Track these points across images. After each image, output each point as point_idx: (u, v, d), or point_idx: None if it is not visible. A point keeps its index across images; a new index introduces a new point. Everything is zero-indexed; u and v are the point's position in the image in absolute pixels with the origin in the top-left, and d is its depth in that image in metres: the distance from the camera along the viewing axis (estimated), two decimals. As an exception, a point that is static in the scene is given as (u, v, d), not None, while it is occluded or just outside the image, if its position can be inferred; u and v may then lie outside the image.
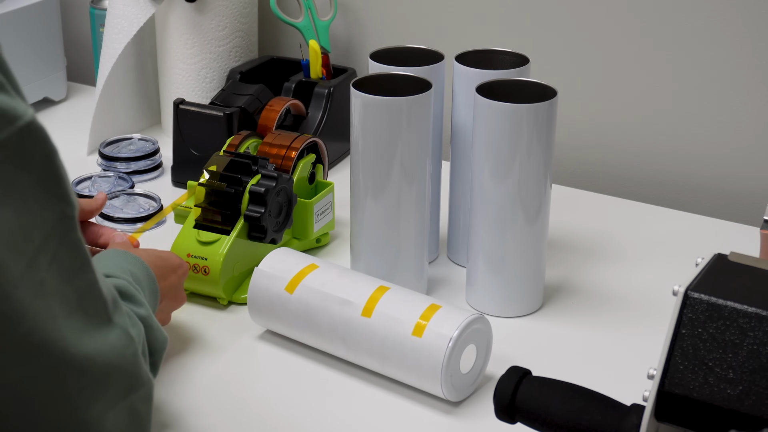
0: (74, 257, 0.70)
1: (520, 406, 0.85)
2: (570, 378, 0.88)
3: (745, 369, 0.75)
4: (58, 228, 0.68)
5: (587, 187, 1.47)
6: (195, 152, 1.39)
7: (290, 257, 1.10)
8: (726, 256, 0.82)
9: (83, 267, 0.71)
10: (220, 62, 1.53)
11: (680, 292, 0.77)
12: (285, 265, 1.08)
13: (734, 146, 1.40)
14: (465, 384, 1.01)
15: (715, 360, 0.76)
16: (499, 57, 1.21)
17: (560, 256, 1.26)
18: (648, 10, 1.40)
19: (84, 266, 0.71)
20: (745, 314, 0.75)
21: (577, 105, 1.47)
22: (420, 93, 1.09)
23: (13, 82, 0.65)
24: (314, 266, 1.07)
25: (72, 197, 0.69)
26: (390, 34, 1.57)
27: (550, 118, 1.08)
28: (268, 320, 1.09)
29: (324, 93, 1.47)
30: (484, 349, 1.03)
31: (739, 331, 0.75)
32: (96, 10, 1.64)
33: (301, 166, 1.25)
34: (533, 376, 0.86)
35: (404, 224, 1.13)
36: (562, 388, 0.84)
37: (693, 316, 0.77)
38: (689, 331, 0.77)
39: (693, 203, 1.42)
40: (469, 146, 1.15)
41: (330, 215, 1.27)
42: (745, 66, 1.36)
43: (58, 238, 0.68)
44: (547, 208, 1.12)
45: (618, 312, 1.16)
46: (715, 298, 0.76)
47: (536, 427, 0.85)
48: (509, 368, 0.87)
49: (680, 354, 0.77)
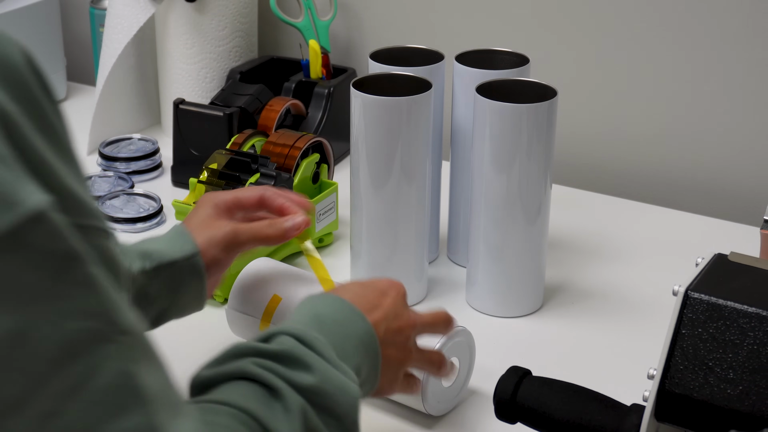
0: (117, 394, 0.54)
1: (520, 406, 0.85)
2: (570, 378, 0.88)
3: (745, 369, 0.75)
4: (87, 350, 0.53)
5: (587, 187, 1.47)
6: (195, 152, 1.39)
7: (254, 287, 1.04)
8: (726, 256, 0.82)
9: (130, 410, 0.54)
10: (220, 62, 1.53)
11: (680, 292, 0.77)
12: (251, 304, 1.03)
13: (734, 146, 1.40)
14: (447, 398, 0.99)
15: (715, 360, 0.76)
16: (499, 57, 1.21)
17: (560, 256, 1.26)
18: (648, 10, 1.40)
19: (134, 408, 0.55)
20: (745, 314, 0.75)
21: (577, 105, 1.47)
22: (420, 93, 1.09)
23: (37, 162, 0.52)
24: (278, 299, 1.02)
25: (116, 317, 0.54)
26: (390, 34, 1.57)
27: (550, 118, 1.08)
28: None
29: (324, 93, 1.47)
30: (467, 362, 1.01)
31: (739, 331, 0.75)
32: (96, 10, 1.64)
33: (304, 165, 1.25)
34: (533, 376, 0.86)
35: (404, 224, 1.13)
36: (562, 388, 0.84)
37: (693, 316, 0.77)
38: (689, 331, 0.77)
39: (693, 203, 1.42)
40: (469, 146, 1.15)
41: (333, 215, 1.27)
42: (745, 66, 1.36)
43: (86, 363, 0.53)
44: (547, 207, 1.12)
45: (618, 312, 1.16)
46: (715, 298, 0.76)
47: (536, 427, 0.85)
48: (509, 368, 0.87)
49: (680, 354, 0.77)
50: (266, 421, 0.69)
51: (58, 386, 0.52)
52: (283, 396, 0.71)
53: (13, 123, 0.52)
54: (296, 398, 0.71)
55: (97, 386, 0.53)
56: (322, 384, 0.73)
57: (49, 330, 0.51)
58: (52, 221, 0.51)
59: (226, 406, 0.70)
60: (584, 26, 1.44)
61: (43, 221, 0.51)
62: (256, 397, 0.71)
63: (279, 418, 0.70)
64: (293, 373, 0.73)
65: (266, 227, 0.96)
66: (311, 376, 0.73)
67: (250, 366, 0.73)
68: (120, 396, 0.54)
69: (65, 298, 0.52)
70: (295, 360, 0.74)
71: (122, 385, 0.54)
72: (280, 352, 0.74)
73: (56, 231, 0.52)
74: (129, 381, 0.55)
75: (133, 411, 0.54)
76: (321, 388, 0.73)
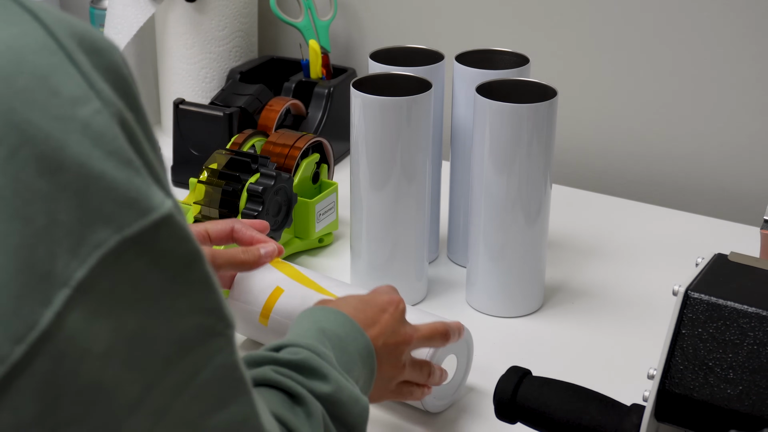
0: (222, 385, 0.56)
1: (520, 406, 0.85)
2: (570, 378, 0.88)
3: (745, 369, 0.75)
4: (199, 346, 0.55)
5: (587, 187, 1.47)
6: (195, 152, 1.39)
7: (255, 278, 1.05)
8: (726, 256, 0.82)
9: (234, 399, 0.57)
10: (220, 62, 1.53)
11: (680, 292, 0.77)
12: (252, 294, 1.04)
13: (734, 146, 1.40)
14: (445, 395, 0.99)
15: (715, 360, 0.76)
16: (499, 57, 1.21)
17: (560, 256, 1.26)
18: (648, 10, 1.40)
19: (237, 398, 0.57)
20: (745, 314, 0.75)
21: (577, 105, 1.47)
22: (420, 93, 1.09)
23: (153, 167, 0.54)
24: (280, 290, 1.03)
25: (225, 312, 0.56)
26: (390, 34, 1.57)
27: (550, 118, 1.08)
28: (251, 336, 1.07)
29: (324, 93, 1.47)
30: (465, 359, 1.00)
31: (739, 331, 0.75)
32: (96, 10, 1.64)
33: (304, 165, 1.25)
34: (533, 376, 0.86)
35: (404, 224, 1.13)
36: (562, 387, 0.84)
37: (693, 316, 0.77)
38: (689, 331, 0.77)
39: (693, 203, 1.42)
40: (469, 146, 1.15)
41: (333, 215, 1.27)
42: (745, 66, 1.36)
43: (201, 358, 0.55)
44: (547, 208, 1.12)
45: (618, 312, 1.16)
46: (715, 298, 0.76)
47: (536, 427, 0.85)
48: (509, 368, 0.87)
49: (680, 354, 0.77)
50: (292, 425, 0.71)
51: (170, 382, 0.53)
52: (306, 402, 0.73)
53: (132, 131, 0.53)
54: (317, 405, 0.74)
55: (205, 380, 0.55)
56: (337, 394, 0.75)
57: (166, 328, 0.53)
58: (177, 223, 0.53)
59: None
60: (584, 26, 1.44)
61: (171, 224, 0.53)
62: (280, 403, 0.73)
63: (302, 422, 0.72)
64: (311, 382, 0.75)
65: (241, 253, 0.96)
66: (327, 385, 0.75)
67: (270, 373, 0.74)
68: (225, 387, 0.56)
69: (184, 296, 0.54)
70: (311, 370, 0.76)
71: (228, 376, 0.56)
72: (298, 362, 0.76)
73: (181, 233, 0.53)
74: (234, 372, 0.57)
75: (238, 401, 0.57)
76: (336, 398, 0.75)
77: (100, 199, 0.50)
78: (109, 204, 0.51)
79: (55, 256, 0.49)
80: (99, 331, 0.51)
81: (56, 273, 0.49)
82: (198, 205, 1.18)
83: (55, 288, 0.49)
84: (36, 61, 0.50)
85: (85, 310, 0.50)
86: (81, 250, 0.50)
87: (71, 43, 0.52)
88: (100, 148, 0.51)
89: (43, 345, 0.49)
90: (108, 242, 0.50)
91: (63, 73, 0.51)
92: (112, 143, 0.51)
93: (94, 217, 0.50)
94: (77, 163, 0.50)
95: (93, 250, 0.50)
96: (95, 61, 0.53)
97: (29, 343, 0.49)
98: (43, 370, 0.49)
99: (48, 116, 0.50)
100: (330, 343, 0.81)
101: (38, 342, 0.49)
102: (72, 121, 0.50)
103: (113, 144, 0.51)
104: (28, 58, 0.50)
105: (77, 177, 0.50)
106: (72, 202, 0.50)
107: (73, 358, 0.50)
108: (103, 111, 0.51)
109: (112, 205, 0.51)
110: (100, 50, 0.53)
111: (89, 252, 0.50)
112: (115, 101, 0.52)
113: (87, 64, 0.52)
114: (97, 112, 0.51)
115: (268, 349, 0.78)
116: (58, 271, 0.50)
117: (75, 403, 0.51)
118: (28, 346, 0.49)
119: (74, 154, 0.50)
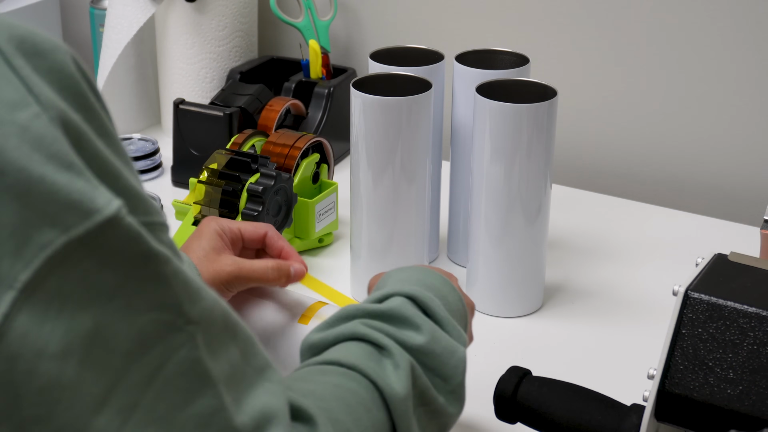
0: (190, 378, 0.56)
1: (520, 406, 0.85)
2: (570, 378, 0.88)
3: (745, 369, 0.75)
4: (164, 341, 0.55)
5: (587, 187, 1.47)
6: (195, 152, 1.39)
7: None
8: (726, 256, 0.82)
9: (200, 393, 0.56)
10: (220, 62, 1.53)
11: (680, 292, 0.77)
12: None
13: (734, 146, 1.40)
14: None
15: (715, 360, 0.76)
16: (499, 57, 1.21)
17: (560, 256, 1.26)
18: (648, 10, 1.40)
19: (203, 391, 0.56)
20: (745, 314, 0.75)
21: (577, 105, 1.47)
22: (420, 93, 1.09)
23: (101, 167, 0.53)
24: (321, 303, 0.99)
25: (187, 310, 0.56)
26: (390, 34, 1.57)
27: (550, 118, 1.08)
28: None
29: (324, 93, 1.47)
30: None
31: (739, 331, 0.75)
32: (96, 10, 1.64)
33: (304, 165, 1.25)
34: (533, 376, 0.86)
35: (404, 224, 1.13)
36: (562, 388, 0.84)
37: (693, 316, 0.77)
38: (689, 331, 0.77)
39: (693, 203, 1.42)
40: (469, 146, 1.15)
41: (333, 215, 1.27)
42: (745, 66, 1.36)
43: (163, 354, 0.55)
44: (547, 208, 1.12)
45: (618, 312, 1.16)
46: (715, 298, 0.76)
47: (536, 427, 0.85)
48: (509, 368, 0.87)
49: (680, 354, 0.77)
50: (376, 377, 0.71)
51: (134, 378, 0.54)
52: (392, 353, 0.73)
53: (78, 132, 0.53)
54: (405, 356, 0.73)
55: (169, 375, 0.55)
56: (430, 344, 0.75)
57: (122, 326, 0.53)
58: (125, 223, 0.53)
59: (335, 366, 0.72)
60: (584, 26, 1.44)
61: (118, 225, 0.53)
62: (365, 355, 0.73)
63: (389, 374, 0.72)
64: (401, 332, 0.75)
65: (271, 271, 0.95)
66: (420, 335, 0.75)
67: (358, 326, 0.75)
68: (190, 382, 0.56)
69: (138, 294, 0.54)
70: (403, 320, 0.75)
71: (192, 370, 0.56)
72: (388, 312, 0.76)
73: (129, 232, 0.53)
74: (197, 366, 0.56)
75: (204, 394, 0.56)
76: (429, 348, 0.74)
77: (42, 202, 0.51)
78: (52, 206, 0.51)
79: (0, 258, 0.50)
80: (52, 331, 0.51)
81: (1, 275, 0.50)
82: (198, 205, 1.19)
83: (1, 290, 0.50)
84: None
85: (33, 310, 0.50)
86: (26, 251, 0.50)
87: (9, 47, 0.52)
88: (38, 152, 0.51)
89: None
90: (54, 243, 0.51)
91: (1, 78, 0.51)
92: (50, 146, 0.51)
93: (38, 219, 0.50)
94: (16, 168, 0.50)
95: (39, 251, 0.50)
96: (36, 63, 0.53)
97: None
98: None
99: None
100: (431, 293, 0.80)
101: None
102: (10, 125, 0.51)
103: (52, 147, 0.51)
104: None
105: (17, 180, 0.50)
106: (14, 204, 0.50)
107: (27, 359, 0.50)
108: (41, 115, 0.51)
109: (55, 207, 0.51)
110: (41, 52, 0.53)
111: (35, 253, 0.50)
112: (58, 103, 0.52)
113: (26, 67, 0.52)
114: (36, 117, 0.51)
115: (369, 300, 0.79)
116: (2, 273, 0.50)
117: (36, 403, 0.51)
118: None
119: (13, 158, 0.50)
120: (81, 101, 0.54)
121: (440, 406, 0.75)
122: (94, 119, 0.55)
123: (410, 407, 0.72)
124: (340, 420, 0.67)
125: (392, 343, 0.74)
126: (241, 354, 0.60)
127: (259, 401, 0.60)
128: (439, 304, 0.78)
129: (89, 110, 0.54)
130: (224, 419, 0.57)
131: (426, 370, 0.75)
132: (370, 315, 0.76)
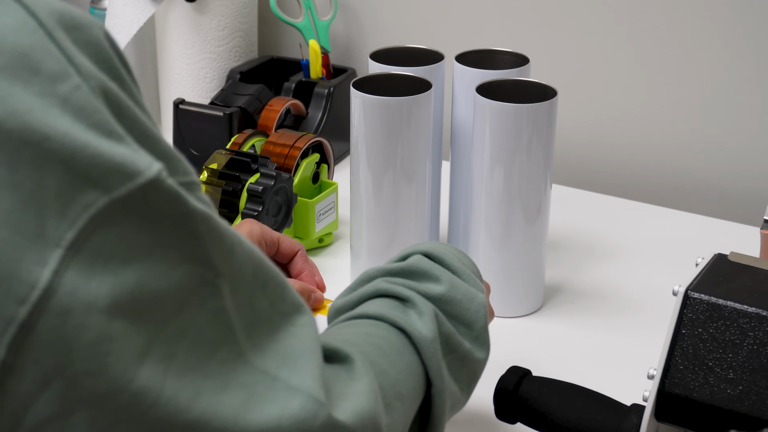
0: (216, 328, 0.58)
1: (520, 406, 0.85)
2: (570, 378, 0.88)
3: (745, 369, 0.75)
4: (195, 294, 0.57)
5: (587, 187, 1.47)
6: (195, 152, 1.39)
7: None
8: (726, 256, 0.82)
9: (227, 338, 0.59)
10: (220, 62, 1.53)
11: (680, 292, 0.77)
12: None
13: (734, 146, 1.40)
14: None
15: (715, 360, 0.76)
16: (499, 57, 1.21)
17: (560, 256, 1.26)
18: (648, 10, 1.40)
19: (228, 337, 0.59)
20: (745, 314, 0.75)
21: (577, 105, 1.47)
22: (420, 93, 1.09)
23: (141, 132, 0.56)
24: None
25: (217, 263, 0.58)
26: (390, 34, 1.57)
27: (550, 118, 1.08)
28: None
29: (324, 93, 1.47)
30: None
31: (739, 331, 0.75)
32: (96, 10, 1.64)
33: (304, 165, 1.25)
34: (533, 376, 0.86)
35: (404, 224, 1.13)
36: (562, 388, 0.84)
37: (693, 316, 0.77)
38: (689, 331, 0.77)
39: (693, 203, 1.42)
40: (469, 146, 1.15)
41: (333, 215, 1.27)
42: (745, 66, 1.36)
43: (194, 306, 0.57)
44: (547, 208, 1.12)
45: (618, 312, 1.16)
46: (715, 298, 0.76)
47: (536, 427, 0.85)
48: (509, 368, 0.87)
49: (680, 354, 0.77)
50: (403, 324, 0.76)
51: (170, 330, 0.56)
52: (416, 303, 0.78)
53: (118, 99, 0.56)
54: (428, 304, 0.78)
55: (199, 326, 0.57)
56: (450, 292, 0.80)
57: (163, 280, 0.56)
58: (166, 185, 0.55)
59: (363, 318, 0.77)
60: (584, 26, 1.44)
61: (159, 187, 0.55)
62: (390, 306, 0.78)
63: (414, 321, 0.77)
64: (422, 285, 0.80)
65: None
66: (439, 285, 0.80)
67: (380, 283, 0.80)
68: (215, 332, 0.58)
69: (175, 250, 0.56)
70: (422, 273, 0.81)
71: (216, 320, 0.58)
72: (408, 268, 0.81)
73: (170, 194, 0.56)
74: (222, 316, 0.58)
75: (227, 342, 0.59)
76: (450, 296, 0.80)
77: (86, 166, 0.53)
78: (96, 169, 0.53)
79: (45, 219, 0.52)
80: (98, 287, 0.53)
81: (48, 234, 0.52)
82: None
83: (49, 248, 0.52)
84: (17, 40, 0.53)
85: (80, 267, 0.53)
86: (70, 211, 0.53)
87: (51, 21, 0.54)
88: (81, 121, 0.53)
89: (46, 303, 0.52)
90: (97, 203, 0.53)
91: (43, 51, 0.53)
92: (92, 116, 0.54)
93: (81, 181, 0.53)
94: (61, 133, 0.53)
95: (83, 211, 0.53)
96: (75, 36, 0.55)
97: (32, 302, 0.52)
98: (50, 327, 0.52)
99: (29, 93, 0.52)
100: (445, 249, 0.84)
101: (41, 301, 0.52)
102: (52, 97, 0.53)
103: (93, 117, 0.54)
104: (9, 38, 0.53)
105: (62, 146, 0.53)
106: (59, 168, 0.53)
107: (78, 314, 0.53)
108: (82, 86, 0.54)
109: (98, 170, 0.53)
110: (80, 26, 0.56)
111: (79, 213, 0.53)
112: (97, 74, 0.55)
113: (67, 40, 0.54)
114: (76, 88, 0.54)
115: (391, 261, 0.84)
116: (49, 233, 0.52)
117: (88, 357, 0.53)
118: (32, 305, 0.52)
119: (57, 125, 0.53)
120: (115, 73, 0.57)
121: (467, 352, 0.79)
122: (126, 88, 0.57)
123: (438, 350, 0.76)
124: (376, 362, 0.71)
125: (414, 294, 0.78)
126: (269, 302, 0.63)
127: (281, 345, 0.62)
128: (453, 257, 0.83)
129: (122, 81, 0.57)
130: (245, 363, 0.59)
131: (449, 318, 0.79)
132: (390, 273, 0.82)
